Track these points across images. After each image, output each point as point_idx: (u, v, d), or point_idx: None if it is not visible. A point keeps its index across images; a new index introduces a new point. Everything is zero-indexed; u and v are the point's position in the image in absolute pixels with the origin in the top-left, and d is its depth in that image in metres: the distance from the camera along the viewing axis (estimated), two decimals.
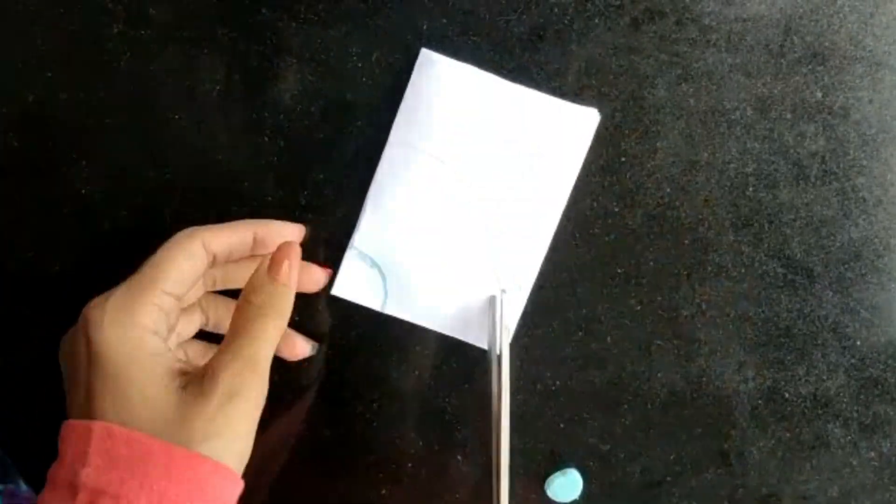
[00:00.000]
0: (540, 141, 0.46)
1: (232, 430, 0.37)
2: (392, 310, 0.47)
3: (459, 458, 0.47)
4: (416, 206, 0.46)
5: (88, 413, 0.36)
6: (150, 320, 0.38)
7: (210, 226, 0.42)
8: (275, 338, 0.39)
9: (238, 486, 0.37)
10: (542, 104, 0.46)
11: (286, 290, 0.39)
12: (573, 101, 0.46)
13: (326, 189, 0.47)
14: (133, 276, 0.39)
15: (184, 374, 0.38)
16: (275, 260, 0.40)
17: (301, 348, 0.46)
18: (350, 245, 0.46)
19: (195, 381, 0.37)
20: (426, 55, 0.46)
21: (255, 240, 0.44)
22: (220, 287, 0.45)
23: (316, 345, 0.46)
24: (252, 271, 0.40)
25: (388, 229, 0.46)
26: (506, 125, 0.46)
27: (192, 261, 0.40)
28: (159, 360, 0.37)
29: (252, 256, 0.45)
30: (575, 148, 0.46)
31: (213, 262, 0.42)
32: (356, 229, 0.46)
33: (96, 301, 0.38)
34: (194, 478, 0.35)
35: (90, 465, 0.34)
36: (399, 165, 0.46)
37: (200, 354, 0.45)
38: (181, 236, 0.41)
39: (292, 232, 0.45)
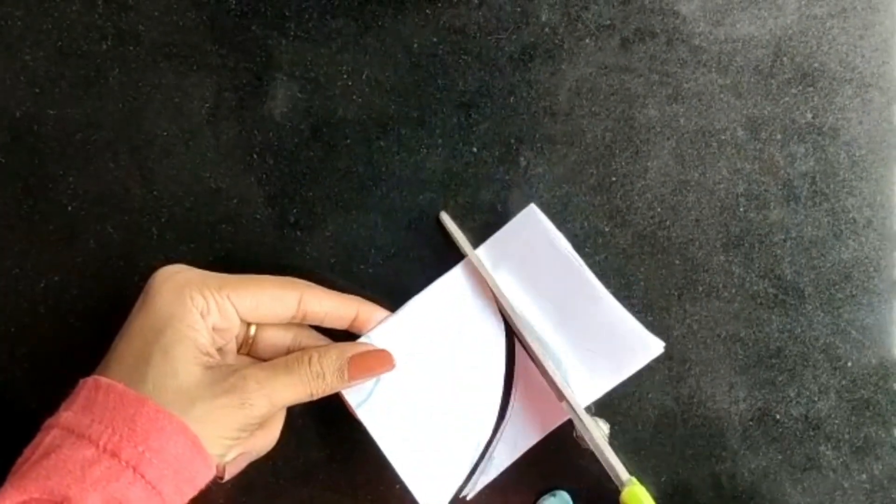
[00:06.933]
0: (596, 342, 0.45)
1: (225, 424, 0.38)
2: (364, 416, 0.44)
3: None
4: (448, 333, 0.45)
5: (109, 363, 0.39)
6: (202, 304, 0.40)
7: (319, 287, 0.43)
8: (306, 398, 0.41)
9: (207, 466, 0.38)
10: (615, 312, 0.45)
11: (341, 387, 0.42)
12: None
13: (316, 207, 0.47)
14: (220, 273, 0.42)
15: (211, 358, 0.40)
16: (365, 365, 0.42)
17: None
18: (365, 335, 0.45)
19: (221, 369, 0.39)
20: (532, 209, 0.45)
21: (356, 317, 0.44)
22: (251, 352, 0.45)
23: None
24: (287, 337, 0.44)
25: (405, 339, 0.45)
26: (574, 310, 0.45)
27: (275, 301, 0.42)
28: (195, 335, 0.39)
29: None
30: (625, 366, 0.45)
31: (304, 319, 0.43)
32: (377, 325, 0.45)
33: (172, 266, 0.41)
34: (157, 431, 0.36)
35: (71, 409, 0.37)
36: (458, 287, 0.45)
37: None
38: (287, 279, 0.43)
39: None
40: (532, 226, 0.46)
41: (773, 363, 0.47)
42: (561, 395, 0.43)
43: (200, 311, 0.40)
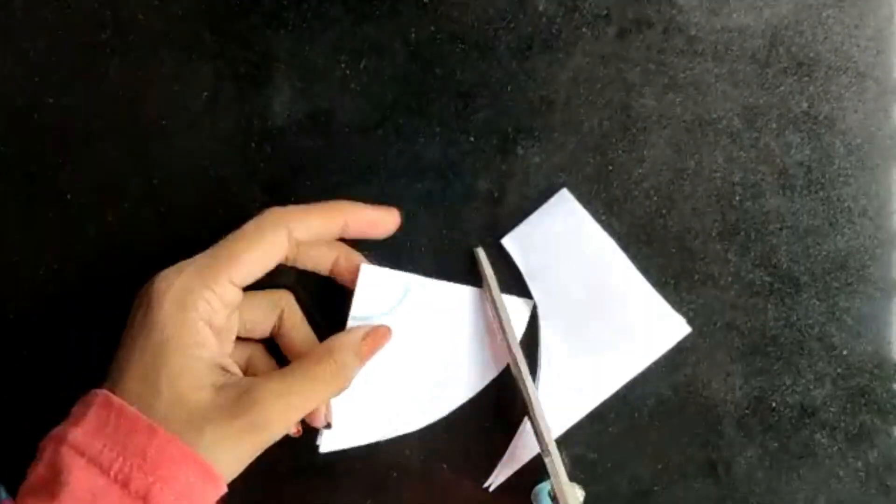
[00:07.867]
0: (627, 324, 0.46)
1: (239, 446, 0.37)
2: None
3: (445, 466, 0.47)
4: (455, 305, 0.45)
5: (115, 383, 0.37)
6: (207, 310, 0.38)
7: (298, 209, 0.41)
8: (324, 401, 0.40)
9: (218, 489, 0.37)
10: (642, 291, 0.46)
11: (361, 368, 0.42)
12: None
13: (314, 197, 0.47)
14: (208, 255, 0.39)
15: (225, 372, 0.38)
16: (374, 339, 0.42)
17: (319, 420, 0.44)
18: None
19: (232, 388, 0.38)
20: (564, 194, 0.46)
21: (345, 224, 0.42)
22: (293, 264, 0.43)
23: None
24: (330, 254, 0.43)
25: (391, 293, 0.44)
26: (605, 293, 0.46)
27: (272, 252, 0.40)
28: (203, 352, 0.38)
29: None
30: (650, 346, 0.46)
31: (296, 259, 0.42)
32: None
33: (168, 273, 0.39)
34: (167, 461, 0.35)
35: (82, 426, 0.36)
36: (467, 304, 0.45)
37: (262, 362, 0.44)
38: (266, 220, 0.40)
39: (388, 218, 0.44)
40: (565, 210, 0.46)
41: (768, 351, 0.47)
42: (546, 452, 0.43)
43: (207, 321, 0.38)
